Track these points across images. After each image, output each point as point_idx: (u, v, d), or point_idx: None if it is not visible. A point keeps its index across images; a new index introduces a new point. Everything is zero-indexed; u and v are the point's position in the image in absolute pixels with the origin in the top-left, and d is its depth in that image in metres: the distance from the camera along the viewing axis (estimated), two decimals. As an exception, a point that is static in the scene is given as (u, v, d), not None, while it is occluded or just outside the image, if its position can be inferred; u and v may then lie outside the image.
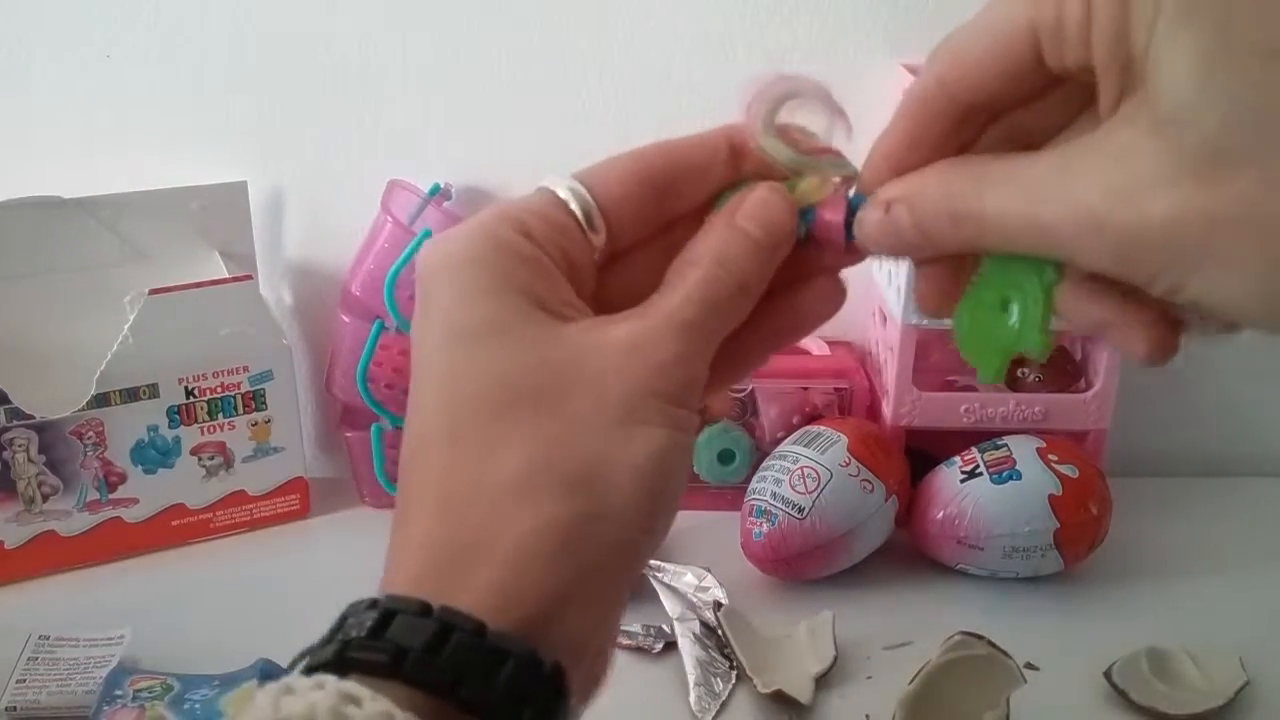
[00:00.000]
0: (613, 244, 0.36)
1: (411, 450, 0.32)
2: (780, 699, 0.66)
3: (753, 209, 0.35)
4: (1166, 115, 0.24)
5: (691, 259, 0.34)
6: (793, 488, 0.75)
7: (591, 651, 0.31)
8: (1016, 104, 0.32)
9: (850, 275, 0.39)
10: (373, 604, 0.29)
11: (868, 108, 0.95)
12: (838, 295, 0.37)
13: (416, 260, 0.35)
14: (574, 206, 0.34)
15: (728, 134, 0.37)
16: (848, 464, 0.76)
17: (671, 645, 0.71)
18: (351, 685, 0.27)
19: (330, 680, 0.27)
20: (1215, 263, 0.24)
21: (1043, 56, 0.29)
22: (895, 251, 0.35)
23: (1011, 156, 0.31)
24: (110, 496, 0.80)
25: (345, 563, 0.82)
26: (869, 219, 0.34)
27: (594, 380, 0.31)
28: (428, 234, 0.79)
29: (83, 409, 0.77)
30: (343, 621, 0.29)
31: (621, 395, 0.31)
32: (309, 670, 0.28)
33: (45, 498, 0.78)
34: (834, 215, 0.36)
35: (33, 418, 0.76)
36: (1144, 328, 0.30)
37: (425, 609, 0.28)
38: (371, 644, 0.28)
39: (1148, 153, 0.25)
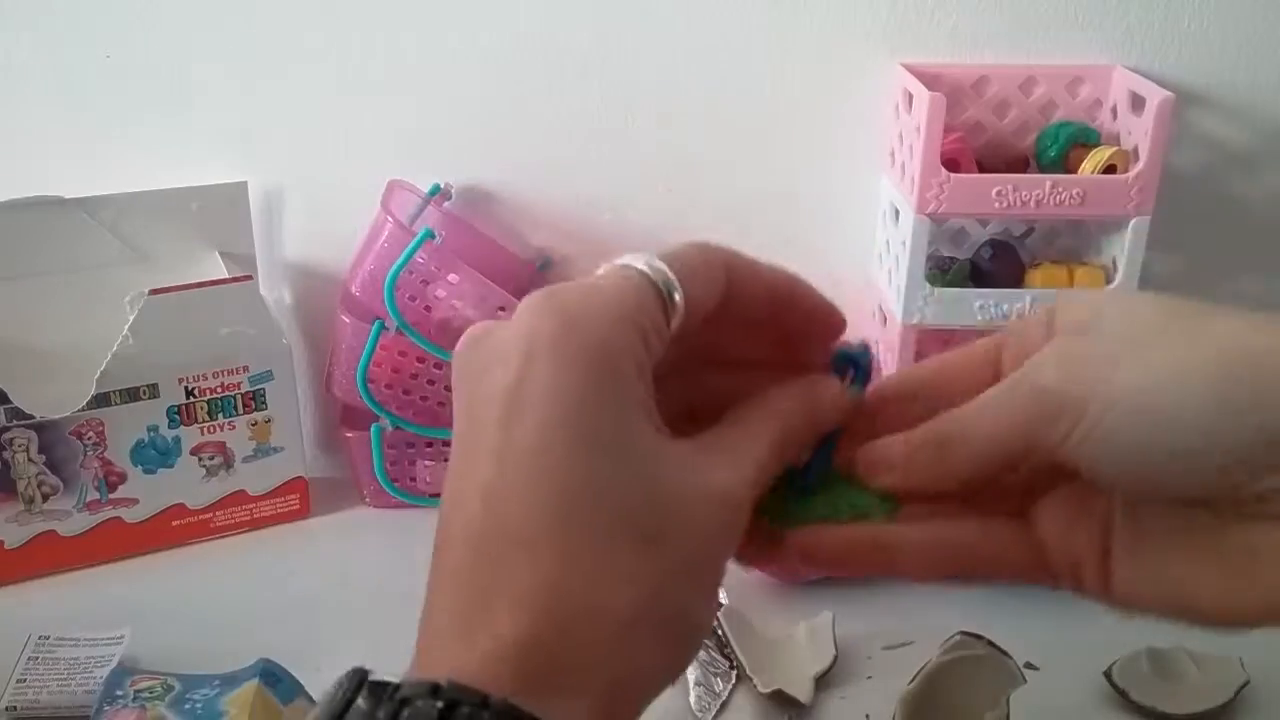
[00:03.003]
0: None
1: (497, 539, 0.30)
2: (780, 699, 0.66)
3: (830, 403, 0.38)
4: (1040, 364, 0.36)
5: (776, 407, 0.36)
6: (793, 488, 0.75)
7: None
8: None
9: (850, 275, 0.39)
10: (484, 702, 0.28)
11: (868, 107, 0.96)
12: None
13: (522, 322, 0.32)
14: (668, 302, 0.34)
15: (789, 278, 0.38)
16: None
17: (671, 645, 0.71)
18: None
19: None
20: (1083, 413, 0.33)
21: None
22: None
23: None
24: (110, 496, 0.80)
25: (345, 563, 0.83)
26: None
27: (694, 532, 0.32)
28: (428, 234, 0.79)
29: (83, 409, 0.77)
30: (453, 706, 0.28)
31: (707, 557, 0.32)
32: None
33: (45, 498, 0.78)
34: None
35: (33, 418, 0.76)
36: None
37: (531, 717, 0.28)
38: None
39: (1040, 364, 0.35)
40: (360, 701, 0.29)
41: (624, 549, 0.30)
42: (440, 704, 0.27)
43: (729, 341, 0.38)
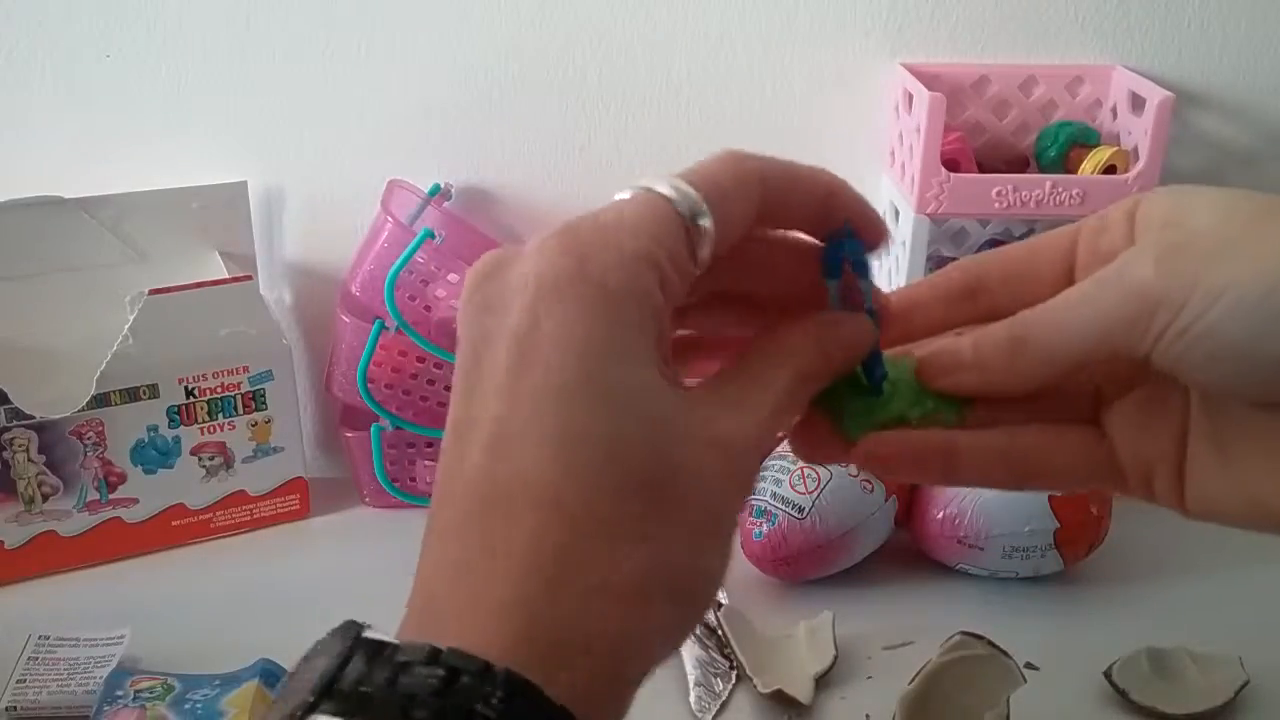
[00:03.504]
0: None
1: (501, 493, 0.29)
2: (780, 699, 0.66)
3: (847, 340, 0.35)
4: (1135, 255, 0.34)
5: (788, 351, 0.34)
6: (793, 487, 0.75)
7: None
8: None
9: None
10: (485, 670, 0.26)
11: (868, 107, 0.96)
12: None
13: (532, 261, 0.30)
14: (694, 229, 0.32)
15: (829, 181, 0.36)
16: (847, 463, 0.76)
17: (671, 645, 0.71)
18: None
19: None
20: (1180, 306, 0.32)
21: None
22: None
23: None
24: (110, 496, 0.80)
25: (345, 563, 0.83)
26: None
27: (701, 484, 0.30)
28: (428, 234, 0.79)
29: (83, 409, 0.77)
30: (454, 675, 0.26)
31: (719, 510, 0.31)
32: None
33: (45, 498, 0.78)
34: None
35: (33, 418, 0.76)
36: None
37: (536, 690, 0.27)
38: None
39: (1136, 257, 0.34)
40: (357, 661, 0.27)
41: (634, 505, 0.29)
42: (441, 672, 0.26)
43: (761, 248, 0.36)
